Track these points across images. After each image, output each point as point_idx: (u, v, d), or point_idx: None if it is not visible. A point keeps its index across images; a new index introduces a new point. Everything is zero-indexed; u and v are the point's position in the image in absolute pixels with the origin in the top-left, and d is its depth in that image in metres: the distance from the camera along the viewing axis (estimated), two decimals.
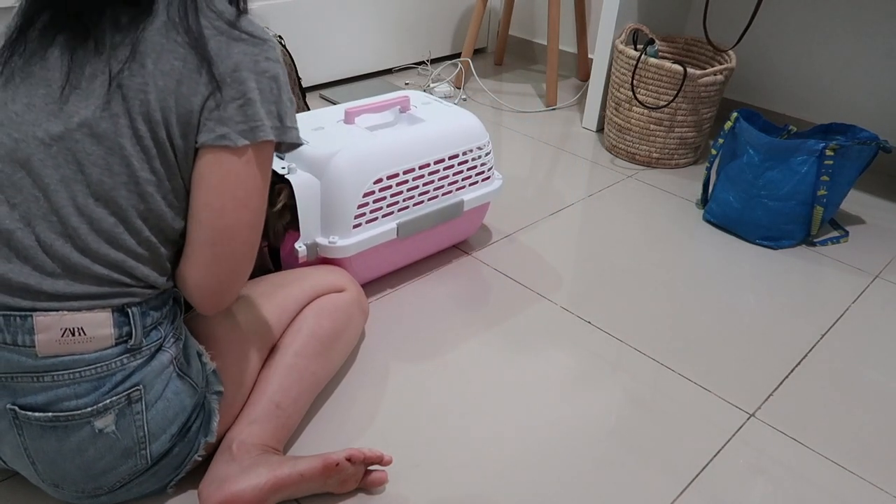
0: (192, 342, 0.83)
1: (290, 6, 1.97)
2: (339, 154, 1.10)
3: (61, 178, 0.68)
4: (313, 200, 1.10)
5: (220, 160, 0.73)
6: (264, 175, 0.76)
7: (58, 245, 0.69)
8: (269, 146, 0.76)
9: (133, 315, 0.73)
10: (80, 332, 0.70)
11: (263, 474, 0.79)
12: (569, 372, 1.11)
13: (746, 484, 0.93)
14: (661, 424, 1.02)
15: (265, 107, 0.73)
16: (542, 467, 0.94)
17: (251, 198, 0.75)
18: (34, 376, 0.69)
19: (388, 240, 1.18)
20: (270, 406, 0.87)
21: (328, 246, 1.11)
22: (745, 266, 1.41)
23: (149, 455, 0.77)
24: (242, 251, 0.77)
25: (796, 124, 1.78)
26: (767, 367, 1.14)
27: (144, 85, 0.69)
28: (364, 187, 1.12)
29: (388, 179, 1.15)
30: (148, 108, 0.69)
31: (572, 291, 1.30)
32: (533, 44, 2.55)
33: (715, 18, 2.02)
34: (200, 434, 0.82)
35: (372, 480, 0.87)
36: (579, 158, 1.84)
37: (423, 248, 1.30)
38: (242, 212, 0.75)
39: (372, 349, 1.13)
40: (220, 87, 0.71)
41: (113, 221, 0.70)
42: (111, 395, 0.72)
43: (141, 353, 0.74)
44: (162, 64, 0.69)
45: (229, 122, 0.72)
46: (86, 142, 0.69)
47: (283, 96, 0.75)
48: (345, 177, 1.10)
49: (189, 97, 0.70)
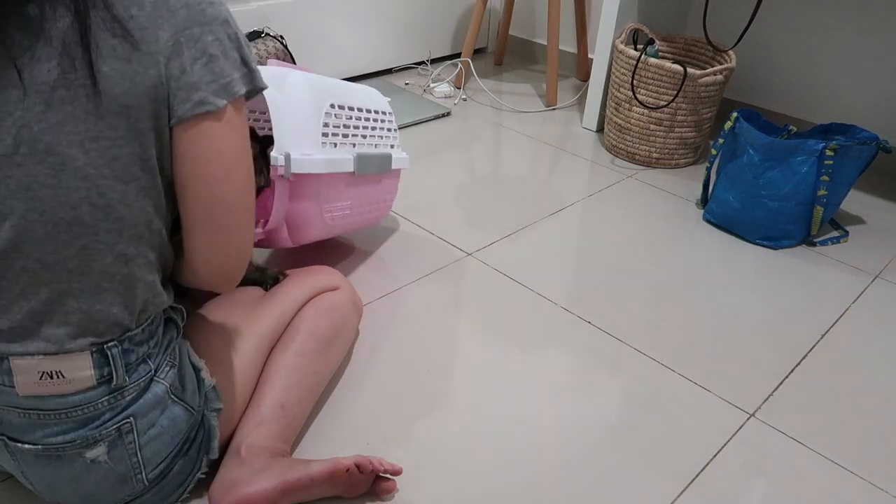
0: (187, 361, 0.81)
1: (290, 6, 1.97)
2: (292, 73, 1.10)
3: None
4: (281, 113, 1.06)
5: (202, 129, 0.68)
6: (245, 132, 0.73)
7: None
8: (243, 100, 0.72)
9: (113, 356, 0.69)
10: (59, 374, 0.67)
11: (273, 477, 0.79)
12: (569, 372, 1.11)
13: (746, 484, 0.93)
14: (661, 424, 1.02)
15: (229, 57, 0.69)
16: (542, 467, 0.94)
17: (240, 160, 0.72)
18: (20, 412, 0.68)
19: (348, 170, 1.16)
20: (275, 407, 0.87)
21: (303, 158, 1.05)
22: (745, 266, 1.41)
23: (145, 479, 0.76)
24: (243, 217, 0.74)
25: (796, 124, 1.78)
26: (767, 367, 1.14)
27: (86, 78, 0.62)
28: (323, 106, 1.11)
29: (339, 109, 1.15)
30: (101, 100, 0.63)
31: (572, 291, 1.30)
32: (533, 44, 2.55)
33: (715, 18, 2.02)
34: (201, 452, 0.81)
35: (383, 489, 0.87)
36: (579, 158, 1.84)
37: (363, 207, 1.28)
38: (235, 177, 0.71)
39: (372, 349, 1.13)
40: (178, 51, 0.65)
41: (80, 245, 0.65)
42: (100, 429, 0.71)
43: (128, 390, 0.71)
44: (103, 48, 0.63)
45: (201, 84, 0.67)
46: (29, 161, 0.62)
47: (240, 40, 0.71)
48: (306, 92, 1.09)
49: (148, 70, 0.64)
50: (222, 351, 0.86)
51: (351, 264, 1.33)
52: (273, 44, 1.81)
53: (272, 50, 1.80)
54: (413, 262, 1.36)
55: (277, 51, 1.80)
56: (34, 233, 0.64)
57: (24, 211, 0.63)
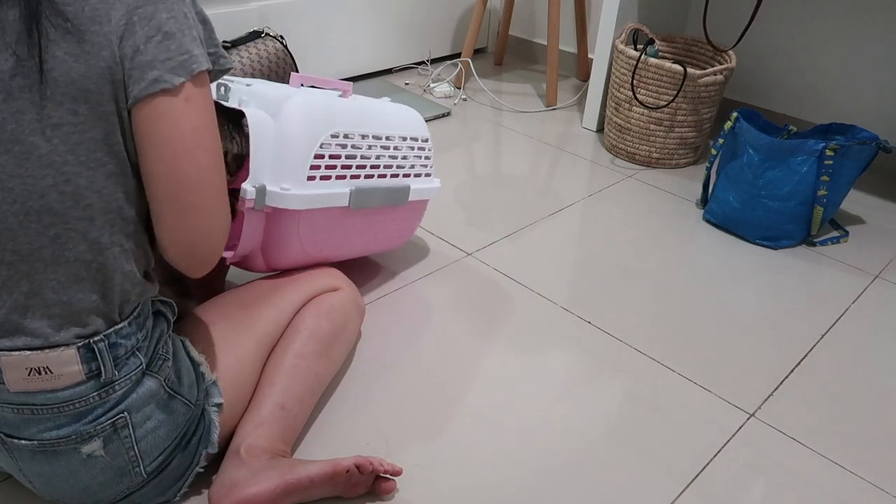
0: (183, 355, 0.81)
1: (290, 6, 1.97)
2: (295, 96, 1.02)
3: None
4: (266, 140, 0.99)
5: (158, 107, 0.66)
6: (208, 109, 0.70)
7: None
8: (205, 76, 0.69)
9: (100, 350, 0.69)
10: (46, 370, 0.67)
11: (273, 478, 0.79)
12: (569, 372, 1.11)
13: (746, 484, 0.93)
14: (661, 424, 1.02)
15: (187, 35, 0.67)
16: (542, 467, 0.94)
17: (202, 137, 0.69)
18: (13, 408, 0.68)
19: (340, 205, 1.10)
20: (275, 408, 0.87)
21: (279, 192, 0.99)
22: (745, 266, 1.41)
23: (143, 472, 0.76)
24: (209, 196, 0.70)
25: (796, 124, 1.78)
26: (767, 367, 1.14)
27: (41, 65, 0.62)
28: (321, 137, 1.03)
29: (345, 138, 1.08)
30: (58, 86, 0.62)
31: (572, 291, 1.30)
32: (533, 44, 2.55)
33: (715, 18, 2.02)
34: (201, 446, 0.81)
35: (383, 489, 0.87)
36: (579, 158, 1.84)
37: (364, 236, 1.22)
38: (197, 153, 0.68)
39: (372, 349, 1.13)
40: (131, 30, 0.64)
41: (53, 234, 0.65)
42: (94, 424, 0.71)
43: (118, 384, 0.71)
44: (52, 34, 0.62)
45: (156, 63, 0.65)
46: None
47: (200, 17, 0.69)
48: (302, 120, 1.01)
49: (101, 52, 0.63)
50: (222, 350, 0.86)
51: (351, 264, 1.32)
52: (273, 44, 1.81)
53: (272, 50, 1.80)
54: (413, 262, 1.36)
55: (277, 51, 1.80)
56: (7, 223, 0.64)
57: None
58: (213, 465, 0.84)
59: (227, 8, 1.85)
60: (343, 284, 1.04)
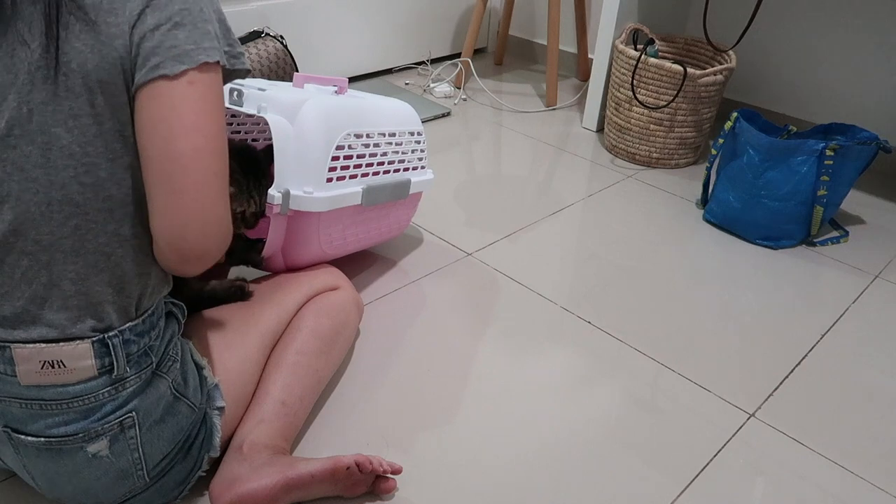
0: (189, 358, 0.81)
1: (290, 6, 1.97)
2: (310, 101, 1.04)
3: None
4: (287, 144, 1.01)
5: (156, 91, 0.65)
6: (214, 99, 0.68)
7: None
8: (214, 68, 0.68)
9: (114, 345, 0.69)
10: (60, 364, 0.67)
11: (274, 474, 0.79)
12: (569, 372, 1.11)
13: (746, 484, 0.93)
14: (661, 424, 1.02)
15: (200, 27, 0.66)
16: (541, 467, 0.94)
17: (201, 120, 0.66)
18: (22, 402, 0.68)
19: (354, 203, 1.12)
20: (276, 405, 0.87)
21: (303, 196, 1.01)
22: (745, 266, 1.41)
23: (146, 475, 0.76)
24: (203, 180, 0.67)
25: (796, 124, 1.78)
26: (767, 367, 1.14)
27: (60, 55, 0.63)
28: (337, 139, 1.06)
29: (357, 138, 1.11)
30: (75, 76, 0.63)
31: (572, 291, 1.30)
32: (533, 44, 2.55)
33: (715, 18, 2.02)
34: (203, 450, 0.82)
35: (383, 488, 0.87)
36: (579, 158, 1.84)
37: (370, 231, 1.25)
38: (193, 135, 0.66)
39: (372, 349, 1.13)
40: (143, 19, 0.64)
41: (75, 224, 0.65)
42: (102, 422, 0.71)
43: (129, 382, 0.71)
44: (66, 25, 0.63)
45: (160, 50, 0.65)
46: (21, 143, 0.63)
47: (217, 14, 0.69)
48: (319, 124, 1.03)
49: (114, 41, 0.64)
50: (224, 350, 0.86)
51: (351, 264, 1.32)
52: (273, 44, 1.81)
53: (272, 50, 1.80)
54: (413, 262, 1.36)
55: (277, 51, 1.80)
56: (30, 213, 0.65)
57: (19, 192, 0.64)
58: (213, 466, 0.85)
59: (228, 8, 1.83)
60: (342, 283, 1.05)
